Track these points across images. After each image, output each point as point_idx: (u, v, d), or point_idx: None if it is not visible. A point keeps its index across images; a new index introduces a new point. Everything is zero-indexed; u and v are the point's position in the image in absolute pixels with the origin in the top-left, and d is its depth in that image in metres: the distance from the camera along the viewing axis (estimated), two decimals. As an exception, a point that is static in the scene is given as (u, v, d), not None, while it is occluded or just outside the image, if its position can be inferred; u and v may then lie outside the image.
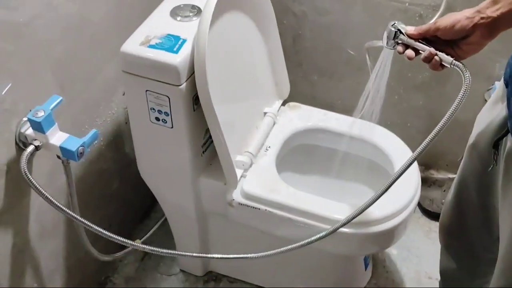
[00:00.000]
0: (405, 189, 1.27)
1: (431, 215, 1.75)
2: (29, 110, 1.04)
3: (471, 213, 1.14)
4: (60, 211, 1.06)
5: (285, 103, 1.50)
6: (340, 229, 1.19)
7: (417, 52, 0.95)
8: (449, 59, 0.91)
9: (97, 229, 1.09)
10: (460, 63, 0.90)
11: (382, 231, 1.23)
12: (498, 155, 0.97)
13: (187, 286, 1.58)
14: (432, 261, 1.53)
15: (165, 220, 1.52)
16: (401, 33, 0.96)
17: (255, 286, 1.57)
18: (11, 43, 1.01)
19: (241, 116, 1.33)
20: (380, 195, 1.05)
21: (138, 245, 1.14)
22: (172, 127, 1.18)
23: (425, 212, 1.77)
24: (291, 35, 1.77)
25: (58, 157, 1.08)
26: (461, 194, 1.16)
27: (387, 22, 0.98)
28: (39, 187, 1.02)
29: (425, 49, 0.93)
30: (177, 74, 1.09)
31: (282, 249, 1.15)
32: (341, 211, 1.21)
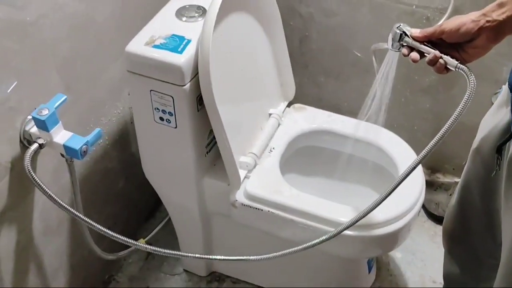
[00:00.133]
0: (409, 192, 1.26)
1: (436, 219, 1.74)
2: (34, 108, 1.05)
3: (475, 218, 1.13)
4: (62, 209, 1.07)
5: (291, 104, 1.50)
6: (343, 232, 1.19)
7: (422, 55, 0.95)
8: (454, 62, 0.91)
9: (100, 228, 1.09)
10: (465, 67, 0.90)
11: (385, 234, 1.23)
12: (501, 160, 0.96)
13: (190, 286, 1.58)
14: (437, 265, 1.52)
15: (169, 219, 1.52)
16: (406, 35, 0.96)
17: (258, 287, 1.57)
18: (17, 42, 1.01)
19: (246, 117, 1.33)
20: (384, 198, 1.04)
21: (139, 244, 1.14)
22: (176, 127, 1.18)
23: (431, 216, 1.76)
24: (297, 37, 1.77)
25: (62, 155, 1.09)
26: (465, 198, 1.15)
27: (394, 24, 0.98)
28: (42, 185, 1.03)
29: (430, 52, 0.92)
30: (181, 74, 1.09)
31: (284, 252, 1.15)
32: (344, 214, 1.21)
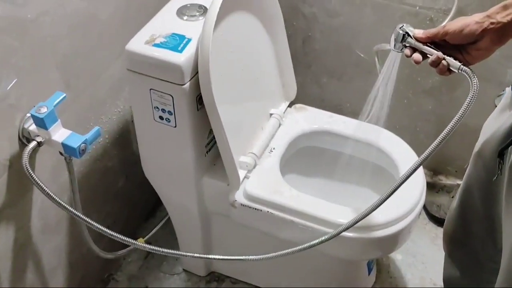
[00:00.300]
0: (409, 193, 1.25)
1: (438, 221, 1.73)
2: (33, 106, 1.04)
3: (476, 222, 1.12)
4: (60, 207, 1.06)
5: (292, 104, 1.50)
6: (342, 233, 1.18)
7: (425, 56, 0.94)
8: (456, 64, 0.89)
9: (97, 226, 1.09)
10: (468, 68, 0.89)
11: (385, 236, 1.22)
12: (503, 164, 0.95)
13: (190, 286, 1.57)
14: (437, 268, 1.51)
15: (169, 219, 1.52)
16: (409, 36, 0.95)
17: (257, 287, 1.56)
18: (17, 39, 1.01)
19: (246, 116, 1.33)
20: (384, 199, 1.03)
21: (138, 243, 1.14)
22: (175, 126, 1.18)
23: (432, 218, 1.75)
24: (300, 37, 1.76)
25: (60, 153, 1.08)
26: (466, 202, 1.14)
27: (397, 25, 0.97)
28: (40, 182, 1.03)
29: (433, 53, 0.91)
30: (181, 73, 1.09)
31: (283, 252, 1.14)
32: (344, 215, 1.20)
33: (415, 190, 1.27)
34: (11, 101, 1.03)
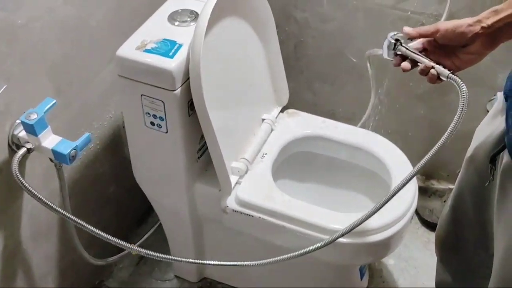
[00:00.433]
0: (401, 199, 1.25)
1: (430, 225, 1.73)
2: (23, 112, 1.03)
3: (467, 227, 1.12)
4: (52, 210, 1.06)
5: (285, 109, 1.49)
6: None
7: (415, 64, 0.94)
8: (445, 72, 0.89)
9: (90, 228, 1.08)
10: (456, 77, 0.88)
11: (377, 241, 1.22)
12: (495, 170, 0.95)
13: (182, 292, 1.57)
14: (430, 273, 1.50)
15: (160, 225, 1.51)
16: (400, 43, 0.95)
17: (250, 293, 1.56)
18: (7, 45, 1.01)
19: (238, 122, 1.33)
20: (378, 208, 1.03)
21: (131, 246, 1.13)
22: (166, 132, 1.17)
23: (424, 222, 1.75)
24: (293, 42, 1.76)
25: (50, 160, 1.08)
26: (458, 207, 1.14)
27: (390, 30, 0.97)
28: (30, 187, 1.02)
29: (423, 61, 0.91)
30: (172, 79, 1.09)
31: (275, 259, 1.13)
32: (336, 221, 1.20)
33: (407, 195, 1.27)
34: (0, 108, 1.02)
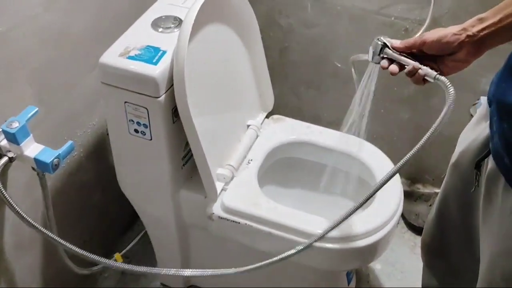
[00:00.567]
0: (387, 203, 1.25)
1: (416, 230, 1.74)
2: (4, 121, 1.02)
3: (453, 232, 1.13)
4: (27, 224, 1.04)
5: (271, 115, 1.49)
6: (321, 244, 1.18)
7: (402, 67, 0.94)
8: (432, 73, 0.90)
9: (67, 246, 1.06)
10: (443, 78, 0.89)
11: (364, 246, 1.22)
12: (480, 175, 0.95)
13: (168, 300, 1.56)
14: (416, 277, 1.50)
15: (146, 232, 1.50)
16: (387, 47, 0.95)
17: (237, 300, 1.55)
18: (-13, 53, 1.00)
19: (223, 128, 1.32)
20: (357, 208, 1.03)
21: (109, 262, 1.10)
22: (151, 139, 1.16)
23: (411, 227, 1.76)
24: (277, 48, 1.76)
25: (33, 169, 1.06)
26: (443, 213, 1.14)
27: (374, 35, 0.97)
28: (10, 200, 1.01)
29: (409, 63, 0.92)
30: (156, 85, 1.08)
31: (260, 264, 1.13)
32: (321, 226, 1.19)
33: (392, 199, 1.27)
34: (-18, 116, 1.01)
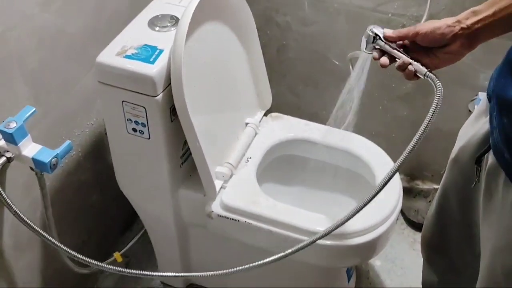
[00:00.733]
0: (386, 199, 1.25)
1: (416, 226, 1.74)
2: (2, 121, 1.02)
3: (453, 228, 1.12)
4: (26, 225, 1.04)
5: (269, 113, 1.49)
6: (321, 241, 1.17)
7: (393, 60, 0.94)
8: (423, 70, 0.89)
9: (64, 249, 1.06)
10: (433, 75, 0.88)
11: (363, 242, 1.22)
12: (480, 171, 0.95)
13: (168, 299, 1.56)
14: (416, 273, 1.51)
15: (146, 231, 1.50)
16: (379, 37, 0.95)
17: (237, 298, 1.55)
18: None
19: (222, 127, 1.32)
20: (360, 209, 1.02)
21: (106, 266, 1.11)
22: (149, 138, 1.16)
23: (410, 223, 1.76)
24: (275, 46, 1.76)
25: (31, 168, 1.06)
26: (443, 208, 1.14)
27: (368, 26, 0.97)
28: (8, 200, 1.00)
29: (401, 57, 0.91)
30: (153, 84, 1.08)
31: (260, 262, 1.12)
32: (322, 223, 1.19)
33: (392, 195, 1.27)
34: (-21, 117, 1.01)
